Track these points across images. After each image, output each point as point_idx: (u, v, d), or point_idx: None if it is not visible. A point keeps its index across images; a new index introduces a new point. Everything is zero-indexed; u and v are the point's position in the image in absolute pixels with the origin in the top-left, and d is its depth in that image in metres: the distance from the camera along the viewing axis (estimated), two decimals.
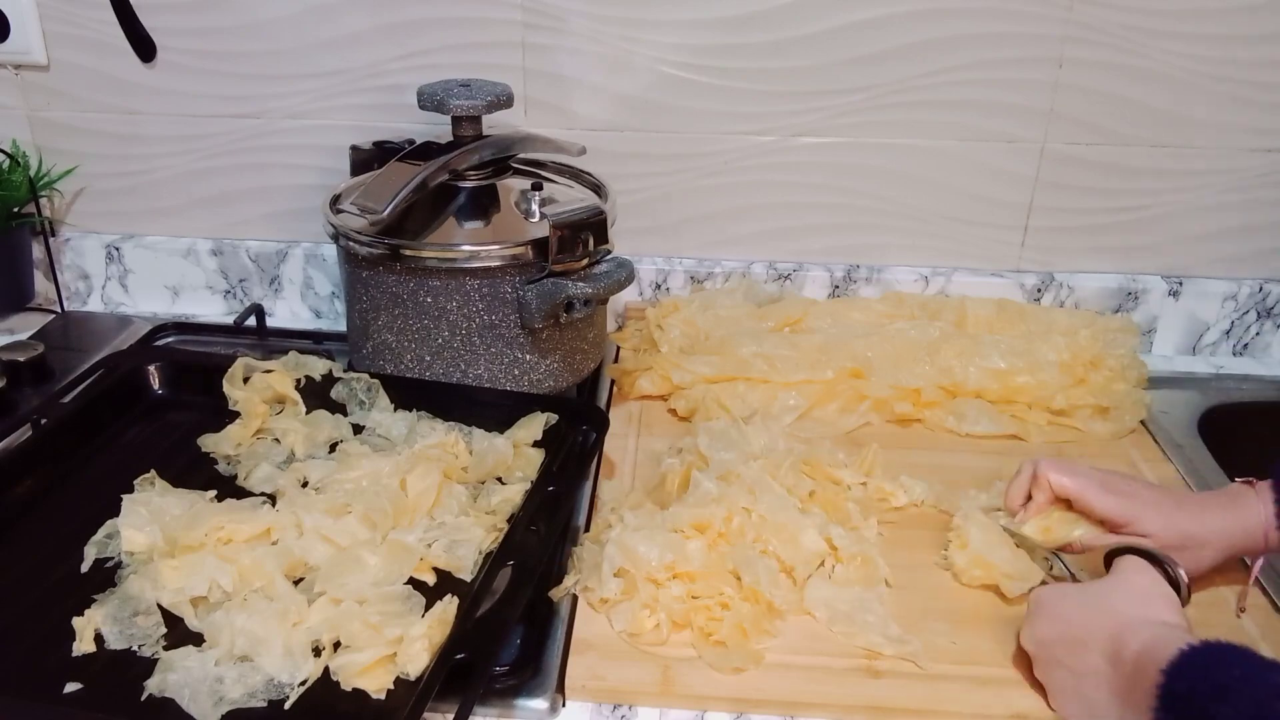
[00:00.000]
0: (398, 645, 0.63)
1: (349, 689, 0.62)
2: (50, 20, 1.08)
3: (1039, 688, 0.66)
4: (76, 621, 0.65)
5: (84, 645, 0.64)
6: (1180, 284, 1.11)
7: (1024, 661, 0.68)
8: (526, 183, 0.91)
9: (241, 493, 0.79)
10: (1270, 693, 0.51)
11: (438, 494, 0.76)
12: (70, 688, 0.62)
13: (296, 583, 0.69)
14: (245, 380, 0.88)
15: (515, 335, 0.88)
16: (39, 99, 1.12)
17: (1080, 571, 0.73)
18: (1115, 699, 0.60)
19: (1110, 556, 0.70)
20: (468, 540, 0.73)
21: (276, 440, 0.85)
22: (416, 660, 0.62)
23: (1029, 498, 0.79)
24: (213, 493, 0.77)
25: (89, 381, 0.91)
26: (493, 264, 0.85)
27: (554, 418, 0.84)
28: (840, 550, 0.76)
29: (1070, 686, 0.63)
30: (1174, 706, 0.54)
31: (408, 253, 0.85)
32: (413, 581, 0.69)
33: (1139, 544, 0.69)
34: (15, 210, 1.13)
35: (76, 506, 0.78)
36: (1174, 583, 0.66)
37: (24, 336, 1.11)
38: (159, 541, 0.71)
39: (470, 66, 1.06)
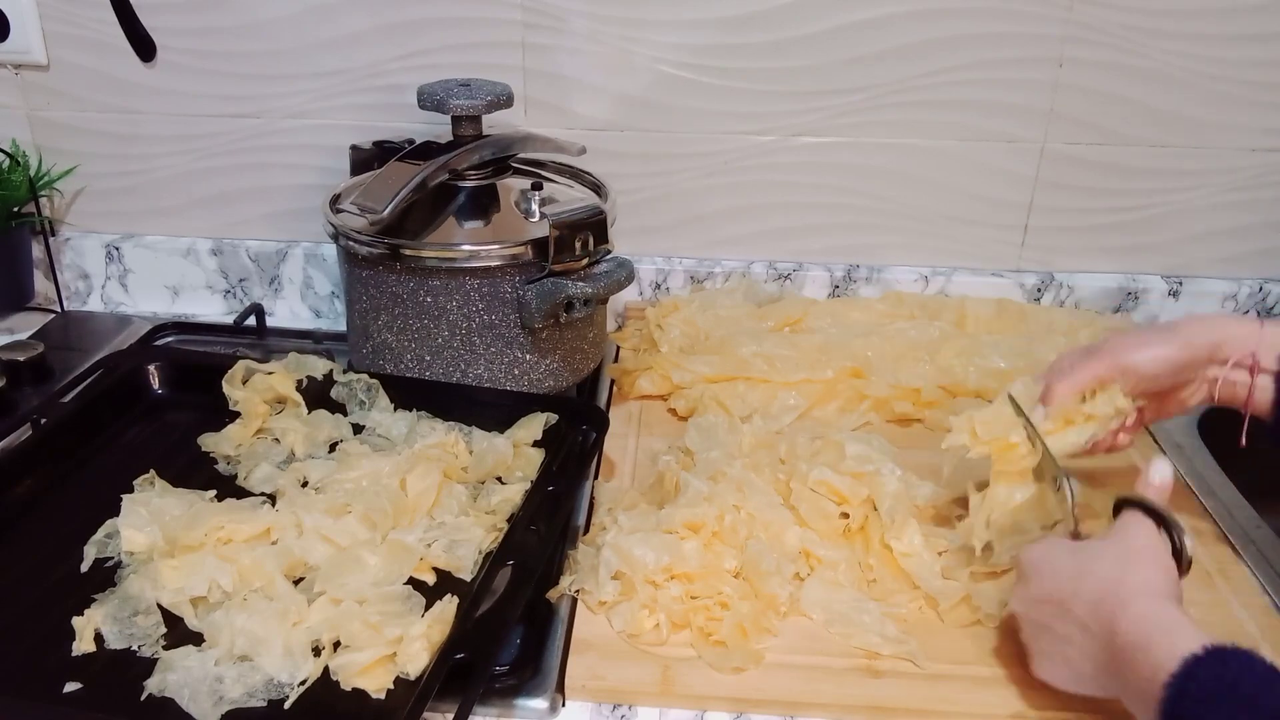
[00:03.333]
0: (397, 645, 0.63)
1: (349, 689, 0.62)
2: (50, 20, 1.08)
3: (1038, 686, 0.66)
4: (76, 621, 0.65)
5: (84, 645, 0.64)
6: (1180, 284, 1.11)
7: (1021, 660, 0.68)
8: (526, 182, 0.91)
9: (241, 493, 0.79)
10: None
11: (438, 494, 0.76)
12: (70, 687, 0.62)
13: (296, 583, 0.69)
14: (244, 381, 0.88)
15: (515, 335, 0.88)
16: (39, 99, 1.12)
17: (1082, 502, 0.69)
18: (1101, 672, 0.59)
19: (1119, 507, 0.66)
20: (467, 540, 0.73)
21: (276, 440, 0.85)
22: (416, 660, 0.62)
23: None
24: (213, 493, 0.77)
25: (89, 381, 0.91)
26: (493, 264, 0.85)
27: (554, 418, 0.84)
28: (813, 554, 0.76)
29: (1055, 651, 0.62)
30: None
31: (408, 252, 0.85)
32: (413, 581, 0.69)
33: (1150, 501, 0.64)
34: (15, 210, 1.13)
35: (76, 506, 0.78)
36: (1176, 551, 0.62)
37: (24, 336, 1.11)
38: (159, 541, 0.71)
39: (470, 66, 1.06)
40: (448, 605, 0.65)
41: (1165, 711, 0.52)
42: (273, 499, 0.77)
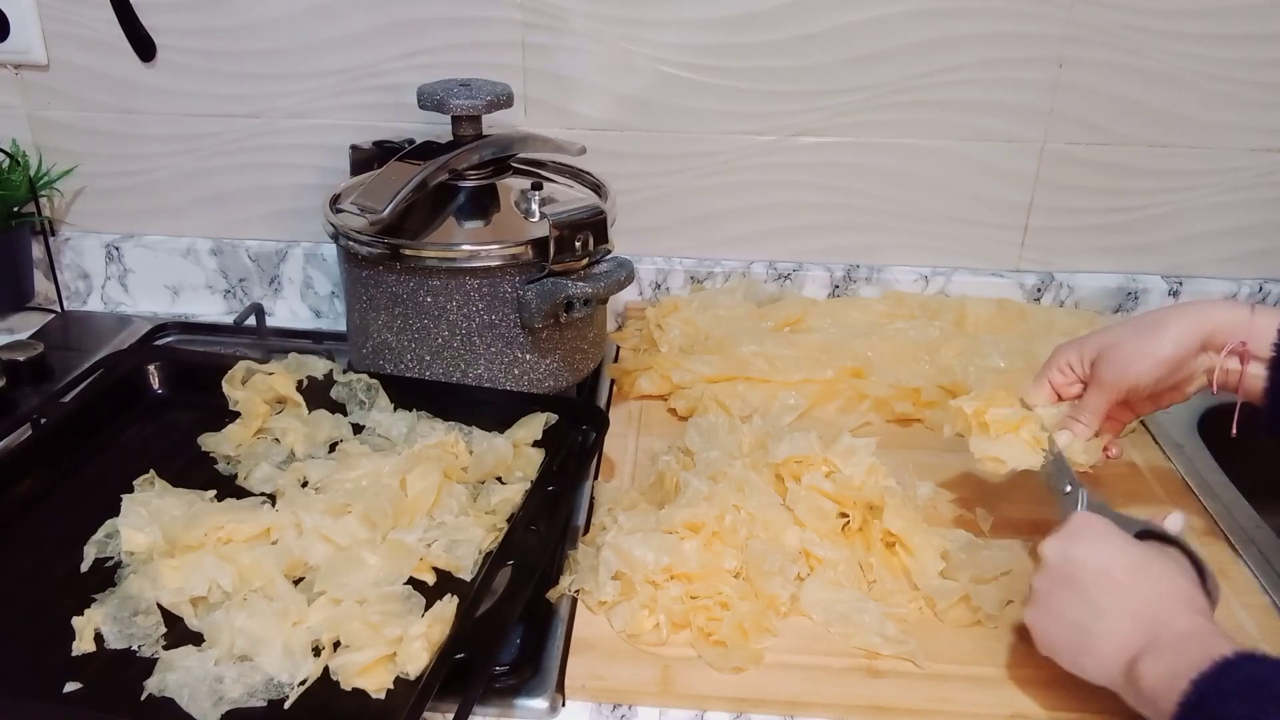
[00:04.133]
0: (397, 645, 0.63)
1: (349, 689, 0.62)
2: (50, 20, 1.08)
3: (1038, 686, 0.66)
4: (76, 621, 0.65)
5: (84, 645, 0.64)
6: (1180, 284, 1.11)
7: (1021, 660, 0.69)
8: (526, 182, 0.91)
9: (241, 492, 0.79)
10: None
11: (438, 494, 0.76)
12: (70, 687, 0.62)
13: (296, 582, 0.69)
14: (244, 381, 0.88)
15: (515, 335, 0.88)
16: (39, 99, 1.12)
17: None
18: (1116, 658, 0.59)
19: (1141, 536, 0.66)
20: (467, 540, 0.73)
21: (276, 440, 0.85)
22: (416, 660, 0.62)
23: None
24: (213, 493, 0.77)
25: (89, 381, 0.91)
26: (493, 264, 0.85)
27: (554, 417, 0.84)
28: (814, 554, 0.76)
29: (1071, 616, 0.62)
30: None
31: (408, 252, 0.85)
32: (412, 581, 0.69)
33: (1180, 539, 0.65)
34: (15, 210, 1.13)
35: (76, 506, 0.78)
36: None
37: (24, 336, 1.11)
38: (159, 541, 0.71)
39: (470, 66, 1.06)
40: (448, 605, 0.65)
41: (1186, 704, 0.53)
42: (273, 499, 0.77)
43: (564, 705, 0.67)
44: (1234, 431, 0.72)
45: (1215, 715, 0.52)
